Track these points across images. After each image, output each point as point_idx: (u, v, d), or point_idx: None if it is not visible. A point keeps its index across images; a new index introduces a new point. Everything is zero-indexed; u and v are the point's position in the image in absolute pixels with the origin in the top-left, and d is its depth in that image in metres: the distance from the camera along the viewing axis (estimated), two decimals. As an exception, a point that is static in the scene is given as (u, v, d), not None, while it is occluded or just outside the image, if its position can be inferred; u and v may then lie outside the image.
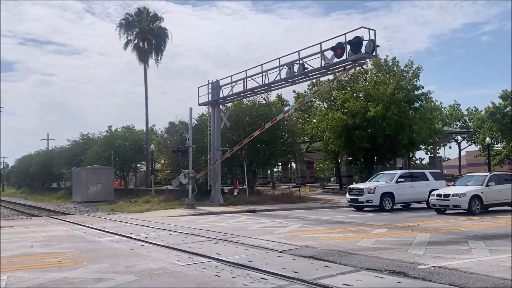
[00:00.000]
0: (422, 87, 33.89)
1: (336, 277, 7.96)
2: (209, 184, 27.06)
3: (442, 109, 53.46)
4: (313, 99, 42.49)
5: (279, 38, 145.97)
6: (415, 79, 33.47)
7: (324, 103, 37.56)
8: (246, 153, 29.81)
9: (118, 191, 41.50)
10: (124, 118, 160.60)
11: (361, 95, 33.61)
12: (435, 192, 20.37)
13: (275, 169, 56.34)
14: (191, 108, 26.84)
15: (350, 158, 36.89)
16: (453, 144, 57.30)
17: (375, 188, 21.73)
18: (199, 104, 27.52)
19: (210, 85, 26.62)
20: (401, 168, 39.52)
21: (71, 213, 26.77)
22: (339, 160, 40.55)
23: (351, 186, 24.17)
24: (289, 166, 60.10)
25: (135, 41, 43.77)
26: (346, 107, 32.26)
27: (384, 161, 35.84)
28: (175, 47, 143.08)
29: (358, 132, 31.12)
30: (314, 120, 37.13)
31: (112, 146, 44.61)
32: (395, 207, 22.21)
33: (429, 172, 24.30)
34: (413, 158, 53.80)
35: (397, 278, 7.86)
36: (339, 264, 9.06)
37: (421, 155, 57.03)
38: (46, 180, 71.63)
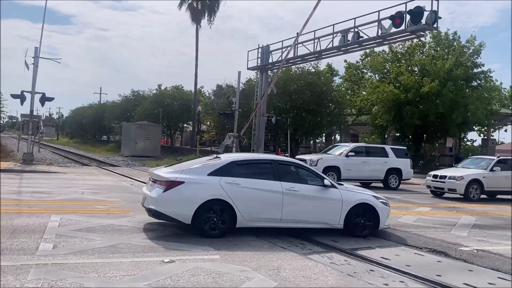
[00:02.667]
0: (483, 65, 32.11)
1: (374, 250, 7.92)
2: (252, 149, 27.29)
3: (502, 90, 50.44)
4: (365, 71, 41.30)
5: (335, 3, 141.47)
6: (476, 56, 31.67)
7: (376, 75, 36.41)
8: (291, 121, 29.70)
9: (164, 148, 42.73)
10: (173, 77, 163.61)
11: (416, 69, 32.29)
12: (432, 173, 18.55)
13: (319, 140, 55.85)
14: (239, 72, 26.86)
15: (398, 134, 35.91)
16: (509, 128, 54.47)
17: (317, 160, 18.81)
18: (248, 69, 27.42)
19: (260, 49, 26.36)
20: (451, 149, 38.23)
21: (119, 165, 27.94)
22: (386, 136, 39.58)
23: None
24: (333, 138, 59.29)
25: (190, 1, 43.78)
26: (399, 81, 31.16)
27: (434, 140, 34.65)
28: (228, 9, 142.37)
29: (409, 108, 30.09)
30: (364, 92, 36.20)
31: (161, 104, 45.69)
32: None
33: (391, 148, 21.12)
34: (465, 139, 51.64)
35: (438, 257, 7.72)
36: (378, 237, 8.98)
37: (474, 136, 54.56)
38: (97, 132, 74.88)
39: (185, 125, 54.33)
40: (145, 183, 16.79)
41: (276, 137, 33.27)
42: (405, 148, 22.78)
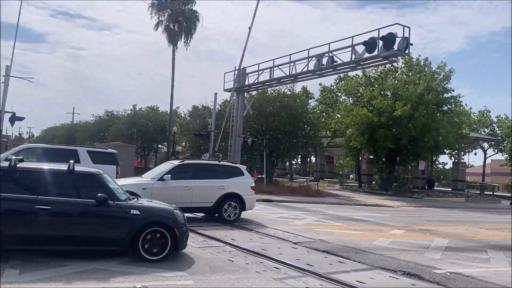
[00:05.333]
0: (453, 90, 33.10)
1: (349, 274, 7.90)
2: (228, 170, 27.16)
3: (471, 114, 52.17)
4: (339, 94, 42.08)
5: (310, 28, 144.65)
6: (446, 82, 32.69)
7: (350, 99, 37.09)
8: (267, 143, 29.80)
9: (138, 170, 41.94)
10: (148, 98, 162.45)
11: (389, 93, 33.06)
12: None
13: (294, 162, 56.18)
14: (216, 93, 27.00)
15: (372, 157, 36.44)
16: (479, 151, 56.01)
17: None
18: (224, 90, 27.56)
19: (236, 71, 26.59)
20: (423, 172, 38.99)
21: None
22: (360, 158, 40.13)
23: None
24: (308, 159, 59.84)
25: (166, 23, 43.89)
26: (372, 104, 31.78)
27: (407, 163, 35.29)
28: (205, 30, 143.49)
29: (382, 131, 30.65)
30: (338, 115, 36.75)
31: (136, 125, 45.20)
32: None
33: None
34: (437, 162, 52.83)
35: (412, 280, 7.75)
36: (353, 261, 8.98)
37: (445, 159, 55.94)
38: (69, 153, 72.98)
39: (160, 146, 53.79)
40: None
41: (252, 159, 33.27)
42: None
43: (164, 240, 7.78)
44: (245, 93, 28.21)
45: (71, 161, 7.89)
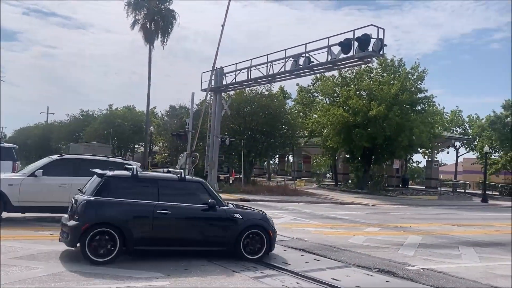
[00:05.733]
0: (426, 91, 33.84)
1: (325, 271, 8.00)
2: (205, 170, 27.06)
3: (444, 114, 53.40)
4: (316, 94, 42.45)
5: (287, 28, 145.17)
6: (420, 82, 33.38)
7: (327, 99, 37.47)
8: (244, 143, 29.82)
9: (114, 170, 41.49)
10: (125, 97, 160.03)
11: (364, 93, 33.53)
12: None
13: (272, 161, 56.38)
14: (193, 93, 26.76)
15: (348, 156, 36.92)
16: (451, 150, 57.42)
17: None
18: (202, 90, 27.42)
19: (214, 71, 26.49)
20: (398, 170, 39.72)
21: (65, 188, 26.68)
22: (337, 157, 40.59)
23: None
24: (286, 159, 60.13)
25: (143, 22, 43.41)
26: (348, 105, 32.19)
27: (382, 161, 35.89)
28: (182, 30, 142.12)
29: (358, 131, 31.09)
30: (315, 115, 37.09)
31: (112, 125, 44.56)
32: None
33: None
34: (411, 161, 53.89)
35: (386, 277, 7.91)
36: (329, 258, 9.10)
37: (419, 158, 57.04)
38: (43, 153, 71.34)
39: (137, 146, 53.22)
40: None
41: (230, 159, 33.24)
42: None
43: (260, 241, 8.51)
44: (223, 93, 28.15)
45: (181, 170, 8.92)
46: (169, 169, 9.91)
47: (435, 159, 45.59)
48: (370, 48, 17.69)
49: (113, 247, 7.48)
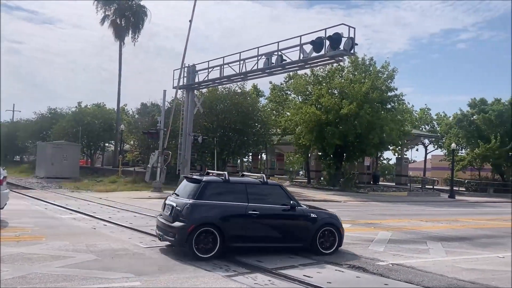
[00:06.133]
0: (396, 89, 34.51)
1: (297, 268, 8.07)
2: (178, 169, 26.84)
3: (413, 112, 54.63)
4: (289, 92, 42.70)
5: (261, 26, 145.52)
6: (390, 81, 34.02)
7: (299, 97, 37.73)
8: (217, 141, 29.70)
9: (83, 169, 40.65)
10: (95, 94, 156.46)
11: (336, 91, 33.93)
12: None
13: (245, 159, 56.43)
14: (165, 91, 26.51)
15: (320, 154, 37.30)
16: (420, 147, 58.81)
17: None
18: (174, 87, 27.14)
19: (186, 68, 26.29)
20: (369, 167, 40.41)
21: (33, 188, 26.03)
22: (309, 155, 40.96)
23: None
24: (259, 157, 60.25)
25: (113, 17, 42.64)
26: (320, 103, 32.52)
27: (353, 159, 36.43)
28: (154, 26, 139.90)
29: (330, 128, 31.46)
30: (288, 113, 37.30)
31: (81, 123, 43.59)
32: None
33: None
34: (381, 158, 54.98)
35: (357, 273, 8.04)
36: (301, 256, 9.17)
37: (389, 155, 58.32)
38: (8, 152, 69.22)
39: (107, 144, 52.24)
40: (62, 207, 15.84)
41: (202, 157, 33.07)
42: None
43: (332, 237, 9.50)
44: (195, 91, 27.96)
45: (263, 174, 9.83)
46: (243, 173, 10.84)
47: (404, 156, 46.66)
48: (341, 47, 17.90)
49: (214, 244, 8.36)
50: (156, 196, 21.83)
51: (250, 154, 50.18)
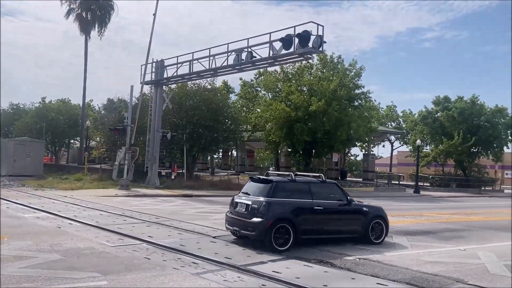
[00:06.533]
0: (363, 87, 35.11)
1: (266, 264, 8.11)
2: (146, 166, 26.45)
3: (380, 109, 55.77)
4: (259, 89, 42.76)
5: (231, 22, 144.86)
6: (357, 78, 34.59)
7: (269, 94, 37.85)
8: (187, 137, 29.42)
9: (48, 167, 39.49)
10: (60, 90, 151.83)
11: (305, 89, 34.21)
12: None
13: (215, 156, 56.18)
14: (132, 86, 26.03)
15: (290, 150, 37.56)
16: (387, 144, 60.15)
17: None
18: (142, 83, 26.69)
19: (154, 64, 25.90)
20: (337, 163, 41.02)
21: (-7, 186, 25.05)
22: (279, 151, 41.17)
23: None
24: (229, 153, 60.17)
25: (78, 10, 41.48)
26: (290, 100, 32.72)
27: (322, 155, 36.89)
28: (121, 20, 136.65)
29: (299, 125, 31.71)
30: (258, 110, 37.34)
31: (45, 119, 42.26)
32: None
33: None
34: (349, 154, 55.90)
35: (325, 268, 8.15)
36: (269, 252, 9.21)
37: (356, 151, 59.28)
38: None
39: (72, 141, 50.91)
40: (25, 205, 15.33)
41: (172, 153, 32.67)
42: None
43: (381, 228, 10.83)
44: (164, 87, 27.59)
45: (322, 175, 11.13)
46: (268, 172, 11.73)
47: (371, 152, 47.57)
48: (310, 44, 18.04)
49: (288, 237, 9.37)
50: (123, 194, 21.44)
51: (221, 150, 50.06)
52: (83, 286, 6.28)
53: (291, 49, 18.67)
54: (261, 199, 9.57)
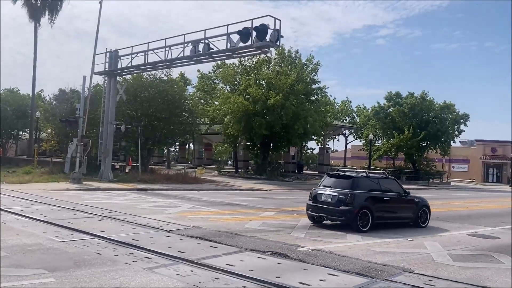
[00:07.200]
0: (319, 82, 35.76)
1: (220, 258, 8.11)
2: (99, 159, 25.71)
3: (335, 104, 56.95)
4: (217, 81, 42.54)
5: (188, 12, 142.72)
6: (314, 74, 35.14)
7: (228, 87, 37.73)
8: (142, 130, 28.81)
9: (-6, 159, 37.52)
10: (7, 79, 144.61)
11: (263, 82, 34.38)
12: None
13: (172, 149, 55.43)
14: (84, 76, 25.15)
15: (248, 143, 37.71)
16: (341, 137, 61.60)
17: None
18: (94, 73, 25.81)
19: (108, 53, 25.11)
20: (293, 157, 41.57)
21: None
22: (237, 145, 41.23)
23: None
24: (187, 146, 59.58)
25: (26, -4, 39.43)
26: (248, 93, 32.79)
27: (279, 149, 37.29)
28: (73, 8, 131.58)
29: (257, 119, 31.87)
30: (216, 103, 37.17)
31: (-9, 109, 40.09)
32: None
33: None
34: (306, 148, 56.83)
35: (278, 259, 8.26)
36: (225, 245, 9.24)
37: (313, 145, 60.39)
38: None
39: (21, 133, 48.64)
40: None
41: (126, 146, 31.92)
42: None
43: (425, 216, 13.53)
44: (118, 77, 26.84)
45: (385, 172, 14.61)
46: (338, 169, 14.79)
47: (327, 146, 48.62)
48: (267, 38, 18.05)
49: (367, 222, 11.89)
50: (75, 187, 20.75)
51: (177, 143, 49.45)
52: (28, 283, 6.03)
53: (249, 42, 18.62)
54: (346, 191, 11.88)
